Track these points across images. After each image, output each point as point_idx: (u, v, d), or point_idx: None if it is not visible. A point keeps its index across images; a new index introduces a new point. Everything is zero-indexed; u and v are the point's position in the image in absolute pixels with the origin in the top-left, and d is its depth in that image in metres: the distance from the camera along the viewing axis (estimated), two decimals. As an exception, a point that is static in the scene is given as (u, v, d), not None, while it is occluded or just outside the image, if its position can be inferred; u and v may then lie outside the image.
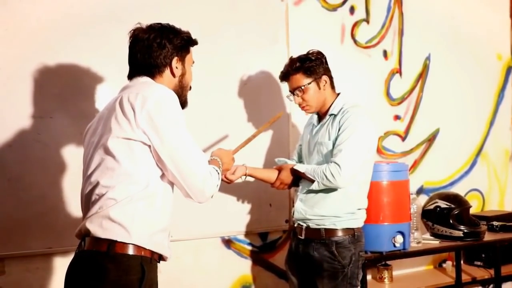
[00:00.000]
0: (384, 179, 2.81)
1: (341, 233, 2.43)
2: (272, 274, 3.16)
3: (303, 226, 2.50)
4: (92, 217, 1.71)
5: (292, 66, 2.47)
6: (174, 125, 1.74)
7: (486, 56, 4.02)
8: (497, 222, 3.53)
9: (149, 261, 1.73)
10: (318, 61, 2.48)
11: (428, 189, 3.72)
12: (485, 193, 4.02)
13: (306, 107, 2.51)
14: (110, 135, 1.72)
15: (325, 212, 2.43)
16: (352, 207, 2.45)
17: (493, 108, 4.07)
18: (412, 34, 3.68)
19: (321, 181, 2.36)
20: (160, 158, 1.73)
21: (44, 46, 2.56)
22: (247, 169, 2.52)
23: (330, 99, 2.52)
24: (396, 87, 3.63)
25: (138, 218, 1.71)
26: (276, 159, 2.70)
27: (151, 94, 1.73)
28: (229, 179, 2.47)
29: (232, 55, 3.04)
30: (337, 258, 2.41)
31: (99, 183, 1.72)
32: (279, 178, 2.54)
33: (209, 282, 2.99)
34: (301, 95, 2.47)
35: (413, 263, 3.56)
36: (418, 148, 3.72)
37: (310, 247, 2.47)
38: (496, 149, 4.08)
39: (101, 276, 1.65)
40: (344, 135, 2.37)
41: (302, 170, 2.45)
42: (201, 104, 2.93)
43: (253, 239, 3.12)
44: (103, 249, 1.67)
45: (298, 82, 2.46)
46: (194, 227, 2.91)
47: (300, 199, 2.52)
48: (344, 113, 2.43)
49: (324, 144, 2.46)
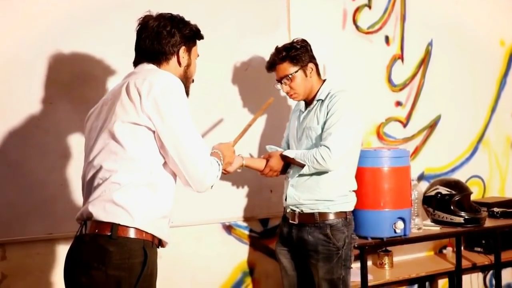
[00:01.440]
0: (385, 165, 2.80)
1: (335, 216, 2.47)
2: (272, 260, 3.15)
3: (296, 211, 2.53)
4: (95, 201, 1.71)
5: (278, 56, 2.50)
6: (179, 113, 1.74)
7: (489, 42, 3.99)
8: (498, 209, 3.53)
9: (150, 245, 1.74)
10: (303, 49, 2.51)
11: (429, 175, 3.72)
12: (486, 180, 4.02)
13: (294, 95, 2.55)
14: (115, 119, 1.72)
15: (318, 196, 2.47)
16: (344, 190, 2.50)
17: (495, 95, 4.05)
18: (414, 19, 3.65)
19: (311, 165, 2.40)
20: (162, 144, 1.73)
21: (44, 32, 2.55)
22: (244, 159, 2.55)
23: (317, 85, 2.56)
24: (398, 73, 3.61)
25: (141, 203, 1.72)
26: (267, 147, 2.73)
27: (158, 80, 1.73)
28: (226, 171, 2.48)
29: (233, 41, 3.02)
30: (332, 240, 2.45)
31: (102, 167, 1.72)
32: (269, 165, 2.58)
33: (210, 268, 3.00)
34: (288, 83, 2.51)
35: (413, 249, 3.57)
36: (419, 135, 3.71)
37: (304, 232, 2.51)
38: (498, 135, 4.07)
39: (104, 259, 1.66)
40: (332, 119, 2.41)
41: (292, 155, 2.49)
42: (201, 90, 2.91)
43: (253, 225, 3.13)
44: (106, 232, 1.68)
45: (285, 71, 2.50)
46: (194, 213, 2.91)
47: (291, 185, 2.55)
48: (331, 98, 2.46)
49: (313, 128, 2.50)
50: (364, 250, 2.84)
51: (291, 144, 2.67)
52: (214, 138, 2.92)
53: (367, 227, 2.80)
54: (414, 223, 3.08)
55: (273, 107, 3.09)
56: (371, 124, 3.48)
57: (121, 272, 1.65)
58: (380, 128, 3.54)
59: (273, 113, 3.12)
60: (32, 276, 2.57)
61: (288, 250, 2.63)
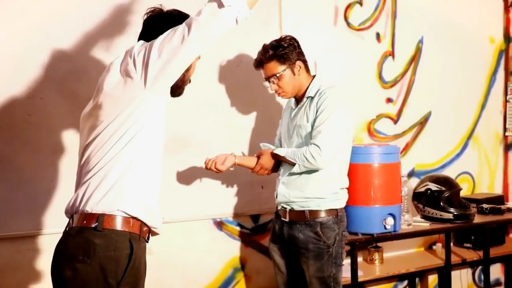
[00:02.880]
0: (375, 161, 2.82)
1: (325, 214, 2.46)
2: (263, 256, 3.17)
3: (287, 208, 2.53)
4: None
5: (265, 55, 2.47)
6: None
7: (479, 39, 4.02)
8: (487, 205, 3.56)
9: (137, 238, 1.72)
10: (291, 47, 2.47)
11: (419, 171, 3.74)
12: (476, 176, 4.05)
13: (282, 93, 2.53)
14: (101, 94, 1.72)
15: (309, 194, 2.46)
16: (335, 187, 2.49)
17: (485, 92, 4.08)
18: (405, 16, 3.66)
19: (302, 164, 2.39)
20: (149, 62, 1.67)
21: (36, 28, 2.53)
22: (236, 158, 2.55)
23: (306, 82, 2.53)
24: (389, 69, 3.62)
25: (128, 188, 1.70)
26: (261, 144, 2.72)
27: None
28: (219, 169, 2.51)
29: (224, 37, 3.00)
30: (322, 238, 2.45)
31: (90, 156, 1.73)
32: (259, 163, 2.57)
33: (201, 264, 3.00)
34: (276, 82, 2.49)
35: (403, 245, 3.59)
36: (410, 131, 3.73)
37: (294, 229, 2.50)
38: (487, 132, 4.10)
39: (89, 251, 1.63)
40: (322, 116, 2.39)
41: (282, 153, 2.48)
42: (192, 87, 2.91)
43: (244, 221, 3.13)
44: (91, 224, 1.66)
45: (273, 70, 2.47)
46: (185, 209, 2.92)
47: (282, 183, 2.54)
48: (321, 95, 2.44)
49: (303, 126, 2.48)
50: (354, 246, 2.86)
51: (283, 142, 2.66)
52: (208, 135, 2.95)
53: (357, 223, 2.81)
54: (404, 219, 3.10)
55: (264, 104, 3.12)
56: (362, 120, 3.49)
57: (106, 264, 1.63)
58: (371, 125, 3.55)
59: (264, 110, 3.13)
60: (22, 272, 2.56)
61: (280, 247, 2.62)
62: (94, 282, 1.63)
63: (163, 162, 2.64)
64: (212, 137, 2.95)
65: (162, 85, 1.73)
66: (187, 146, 2.91)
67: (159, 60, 1.66)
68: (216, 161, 2.50)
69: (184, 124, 2.89)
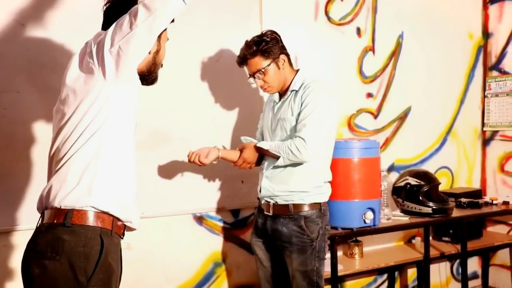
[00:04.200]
0: (355, 156, 2.82)
1: (309, 208, 2.46)
2: (243, 251, 3.17)
3: (271, 202, 2.52)
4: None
5: (249, 50, 2.46)
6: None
7: (458, 35, 4.06)
8: (465, 199, 3.61)
9: (109, 233, 1.67)
10: (274, 41, 2.47)
11: (399, 166, 3.77)
12: (454, 171, 4.09)
13: (268, 88, 2.52)
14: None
15: (293, 188, 2.45)
16: (319, 181, 2.49)
17: (464, 87, 4.12)
18: (385, 11, 3.68)
19: (286, 157, 2.38)
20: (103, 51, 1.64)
21: (9, 18, 2.48)
22: (220, 151, 2.52)
23: (290, 76, 2.53)
24: (369, 65, 3.64)
25: (97, 182, 1.65)
26: (242, 138, 2.70)
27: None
28: (202, 163, 2.48)
29: (204, 31, 2.99)
30: (306, 232, 2.44)
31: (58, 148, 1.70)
32: (242, 157, 2.55)
33: (181, 259, 2.99)
34: (261, 77, 2.48)
35: (383, 239, 3.62)
36: (390, 126, 3.76)
37: (278, 223, 2.50)
38: (466, 127, 4.15)
39: (58, 247, 1.59)
40: (307, 110, 2.39)
41: (266, 147, 2.47)
42: (172, 81, 2.89)
43: (224, 215, 3.13)
44: (61, 220, 1.62)
45: (257, 65, 2.46)
46: (165, 204, 2.90)
47: (266, 176, 2.53)
48: (305, 88, 2.44)
49: (287, 120, 2.47)
50: (334, 240, 2.87)
51: (266, 136, 2.65)
52: (188, 129, 2.93)
53: (337, 217, 2.81)
54: (384, 213, 3.13)
55: (245, 98, 3.11)
56: (342, 115, 3.50)
57: (75, 261, 1.58)
58: (351, 120, 3.56)
59: (245, 105, 3.12)
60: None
61: (263, 242, 2.62)
62: (63, 279, 1.58)
63: (142, 157, 2.63)
64: (192, 132, 2.93)
65: (123, 74, 1.67)
66: (166, 141, 2.89)
67: (113, 49, 1.63)
68: (199, 154, 2.48)
69: (164, 119, 2.87)
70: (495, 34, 4.13)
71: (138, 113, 1.82)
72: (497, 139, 4.13)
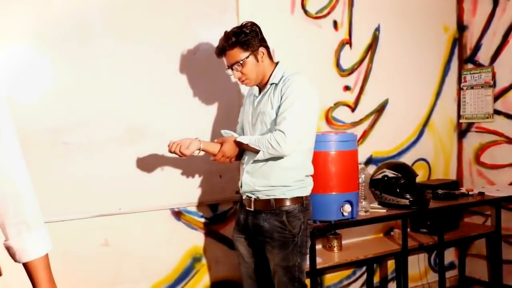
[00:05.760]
0: (332, 149, 2.82)
1: (291, 202, 2.43)
2: (222, 245, 3.17)
3: (252, 198, 2.49)
4: None
5: (228, 41, 2.42)
6: None
7: (433, 28, 4.09)
8: (442, 190, 3.64)
9: None
10: (253, 33, 2.43)
11: (376, 159, 3.79)
12: (431, 162, 4.13)
13: (246, 80, 2.48)
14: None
15: (274, 182, 2.42)
16: (300, 175, 2.46)
17: (440, 79, 4.16)
18: (362, 4, 3.68)
19: (266, 150, 2.34)
20: None
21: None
22: (201, 143, 2.47)
23: (269, 69, 2.50)
24: (346, 58, 3.64)
25: None
26: (222, 131, 2.67)
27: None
28: (183, 153, 2.43)
29: (180, 25, 2.97)
30: (287, 227, 2.42)
31: None
32: (221, 151, 2.49)
33: (160, 254, 2.97)
34: (240, 69, 2.44)
35: (361, 232, 3.64)
36: (367, 119, 3.77)
37: (260, 218, 2.47)
38: (442, 119, 4.18)
39: None
40: (286, 103, 2.35)
41: (246, 141, 2.43)
42: (149, 75, 2.87)
43: (203, 210, 3.11)
44: None
45: (236, 57, 2.42)
46: (143, 199, 2.87)
47: (246, 171, 2.50)
48: (285, 81, 2.40)
49: (267, 113, 2.44)
50: (313, 234, 2.86)
51: (246, 130, 2.61)
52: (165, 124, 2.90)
53: (315, 210, 2.79)
54: (362, 206, 3.14)
55: (223, 92, 3.09)
56: (320, 108, 3.50)
57: None
58: (328, 113, 3.57)
59: (224, 99, 3.10)
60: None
61: (245, 238, 2.59)
62: None
63: (119, 153, 2.61)
64: (169, 127, 2.91)
65: None
66: (143, 136, 2.86)
67: None
68: (180, 144, 2.43)
69: (140, 114, 2.85)
70: (469, 27, 4.18)
71: (114, 108, 1.73)
72: (473, 131, 4.18)
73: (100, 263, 2.77)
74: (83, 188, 2.70)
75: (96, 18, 2.71)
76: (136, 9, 2.82)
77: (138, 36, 2.83)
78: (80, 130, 2.69)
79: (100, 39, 2.73)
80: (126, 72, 2.80)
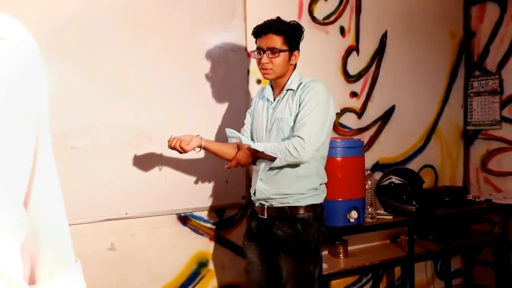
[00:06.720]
0: (339, 155, 2.82)
1: (305, 210, 2.39)
2: (228, 251, 3.16)
3: (265, 205, 2.45)
4: None
5: (276, 26, 2.39)
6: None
7: (440, 34, 4.09)
8: (449, 197, 3.62)
9: None
10: (300, 35, 2.45)
11: (383, 165, 3.78)
12: (438, 169, 4.12)
13: (268, 71, 2.42)
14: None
15: (289, 190, 2.38)
16: (315, 183, 2.43)
17: (446, 86, 4.15)
18: (369, 11, 3.69)
19: (283, 158, 2.30)
20: None
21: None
22: (203, 140, 2.45)
23: (289, 74, 2.48)
24: (353, 64, 3.64)
25: None
26: (227, 130, 2.64)
27: None
28: (183, 149, 2.40)
29: (188, 30, 2.98)
30: (302, 235, 2.38)
31: None
32: (236, 158, 2.46)
33: (165, 259, 2.97)
34: (271, 57, 2.39)
35: (368, 238, 3.63)
36: (374, 125, 3.77)
37: (273, 226, 2.43)
38: (449, 126, 4.17)
39: None
40: (306, 109, 2.32)
41: (261, 148, 2.39)
42: (156, 81, 2.87)
43: (209, 215, 3.11)
44: None
45: (275, 43, 2.38)
46: (149, 204, 2.87)
47: (260, 179, 2.46)
48: (304, 88, 2.39)
49: (285, 120, 2.40)
50: (319, 240, 2.86)
51: (259, 135, 2.55)
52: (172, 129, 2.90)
53: (321, 216, 2.81)
54: (368, 212, 3.13)
55: (229, 96, 3.10)
56: (334, 117, 3.50)
57: None
58: (335, 119, 3.56)
59: (230, 104, 3.10)
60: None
61: (256, 245, 2.54)
62: None
63: (126, 157, 2.61)
64: (176, 132, 2.89)
65: None
66: (150, 140, 2.86)
67: None
68: (181, 140, 2.40)
69: (147, 118, 2.85)
70: (477, 34, 4.17)
71: (121, 112, 1.77)
72: (480, 138, 4.17)
73: (106, 268, 2.77)
74: (90, 192, 2.71)
75: (104, 23, 2.73)
76: (145, 15, 2.84)
77: (146, 41, 2.84)
78: (88, 135, 2.70)
79: (108, 44, 2.74)
80: (134, 77, 2.81)
